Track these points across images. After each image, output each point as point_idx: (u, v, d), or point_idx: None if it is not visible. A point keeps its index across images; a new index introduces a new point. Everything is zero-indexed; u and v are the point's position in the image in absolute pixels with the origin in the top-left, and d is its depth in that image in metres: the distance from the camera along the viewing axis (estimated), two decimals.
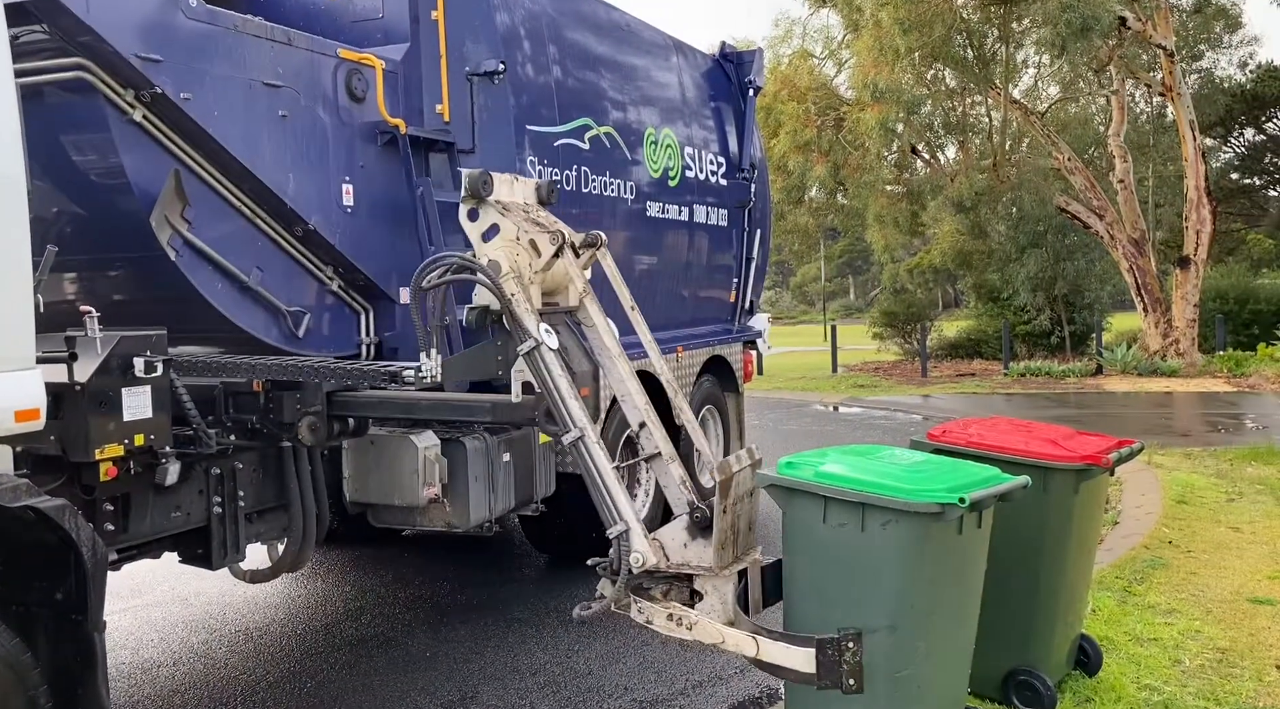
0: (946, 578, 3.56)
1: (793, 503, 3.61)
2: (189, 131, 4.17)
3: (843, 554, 3.48)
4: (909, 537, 3.40)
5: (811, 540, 3.58)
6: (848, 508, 3.46)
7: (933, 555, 3.46)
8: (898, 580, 3.44)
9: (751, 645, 3.62)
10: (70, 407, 3.44)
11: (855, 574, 3.47)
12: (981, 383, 19.92)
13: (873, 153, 22.00)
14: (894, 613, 3.43)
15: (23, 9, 3.54)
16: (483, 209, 4.29)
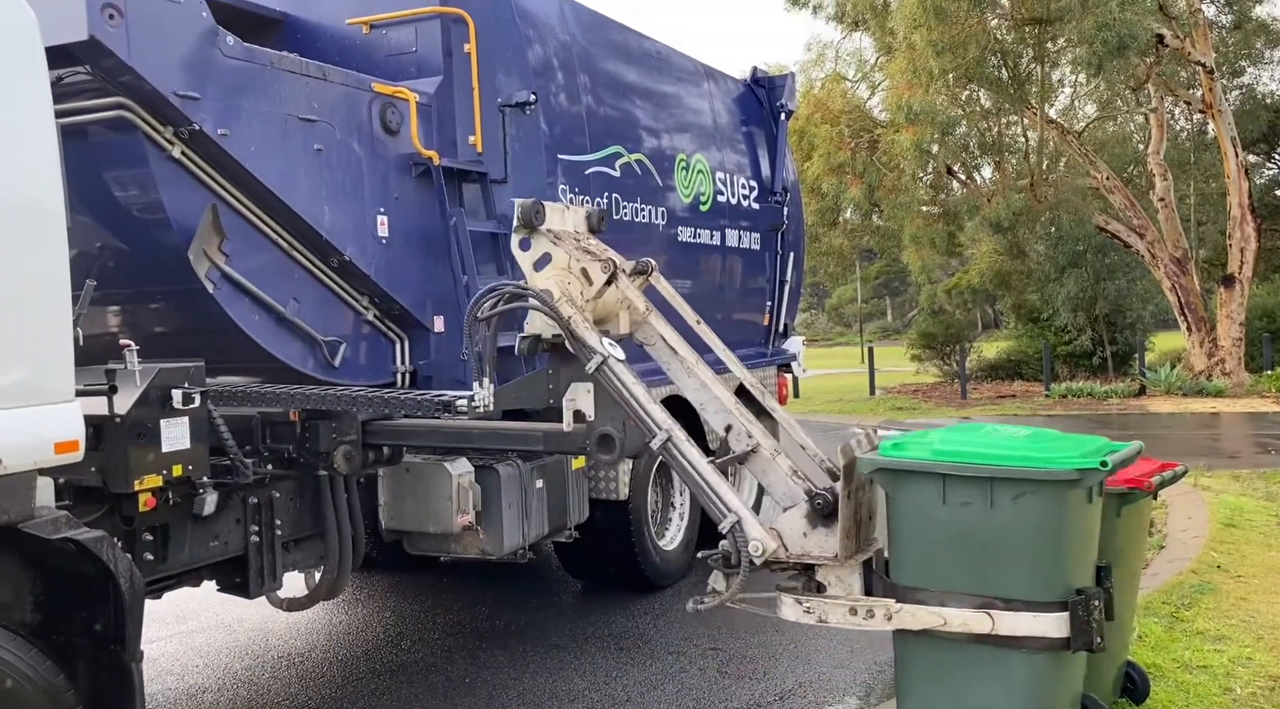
0: (1085, 551, 3.50)
1: (904, 486, 3.52)
2: (226, 167, 4.25)
3: (967, 535, 3.40)
4: (1044, 509, 3.31)
5: (928, 524, 3.48)
6: (972, 484, 3.37)
7: (1070, 528, 3.39)
8: (1031, 558, 3.37)
9: (985, 621, 3.42)
10: (110, 438, 3.50)
11: (983, 555, 3.40)
12: (1022, 404, 19.65)
13: (908, 174, 21.90)
14: (1029, 591, 3.37)
15: (66, 51, 3.64)
16: (535, 238, 4.32)
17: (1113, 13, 16.82)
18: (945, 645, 3.55)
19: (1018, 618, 3.41)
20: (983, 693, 3.52)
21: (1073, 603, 3.38)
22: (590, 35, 6.39)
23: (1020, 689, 3.49)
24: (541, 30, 5.87)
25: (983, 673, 3.51)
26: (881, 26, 21.15)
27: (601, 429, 4.23)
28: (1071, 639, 3.38)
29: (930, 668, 3.63)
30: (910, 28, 18.27)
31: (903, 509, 3.58)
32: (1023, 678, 3.47)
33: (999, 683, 3.50)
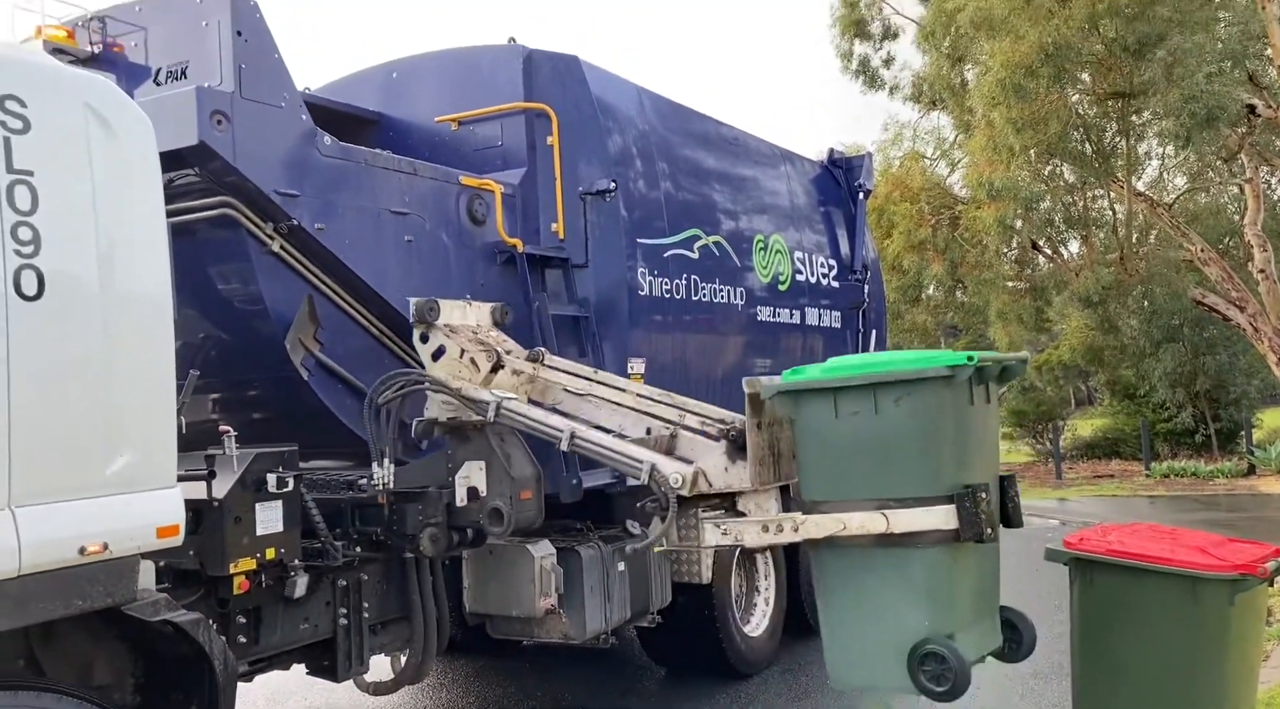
0: (971, 449, 3.73)
1: (802, 406, 3.78)
2: (322, 259, 4.44)
3: (860, 442, 3.67)
4: (922, 407, 3.57)
5: (825, 439, 3.74)
6: (858, 393, 3.64)
7: (948, 423, 3.63)
8: (916, 456, 3.61)
9: (880, 521, 3.63)
10: (207, 522, 3.61)
11: (875, 460, 3.65)
12: (1121, 485, 18.87)
13: (991, 250, 21.62)
14: (918, 488, 3.59)
15: (178, 155, 3.89)
16: (431, 332, 4.62)
17: (1199, 84, 16.56)
18: (852, 553, 3.74)
19: (910, 514, 3.60)
20: (888, 593, 3.70)
21: (958, 496, 3.56)
22: (668, 123, 6.55)
23: (919, 584, 3.66)
24: (620, 121, 6.04)
25: (885, 574, 3.69)
26: (959, 105, 21.17)
27: (492, 504, 4.52)
28: (960, 530, 3.54)
29: (841, 576, 3.82)
30: (989, 106, 18.25)
31: (803, 428, 3.82)
32: (920, 573, 3.65)
33: (900, 581, 3.68)
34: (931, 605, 3.66)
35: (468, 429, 4.57)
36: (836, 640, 3.88)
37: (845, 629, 3.84)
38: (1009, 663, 4.18)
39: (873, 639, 3.74)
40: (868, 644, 3.76)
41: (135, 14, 4.44)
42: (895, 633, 3.64)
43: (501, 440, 4.62)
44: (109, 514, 2.95)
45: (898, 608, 3.68)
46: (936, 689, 3.57)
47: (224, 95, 4.03)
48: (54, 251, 2.91)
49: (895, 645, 3.63)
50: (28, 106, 2.92)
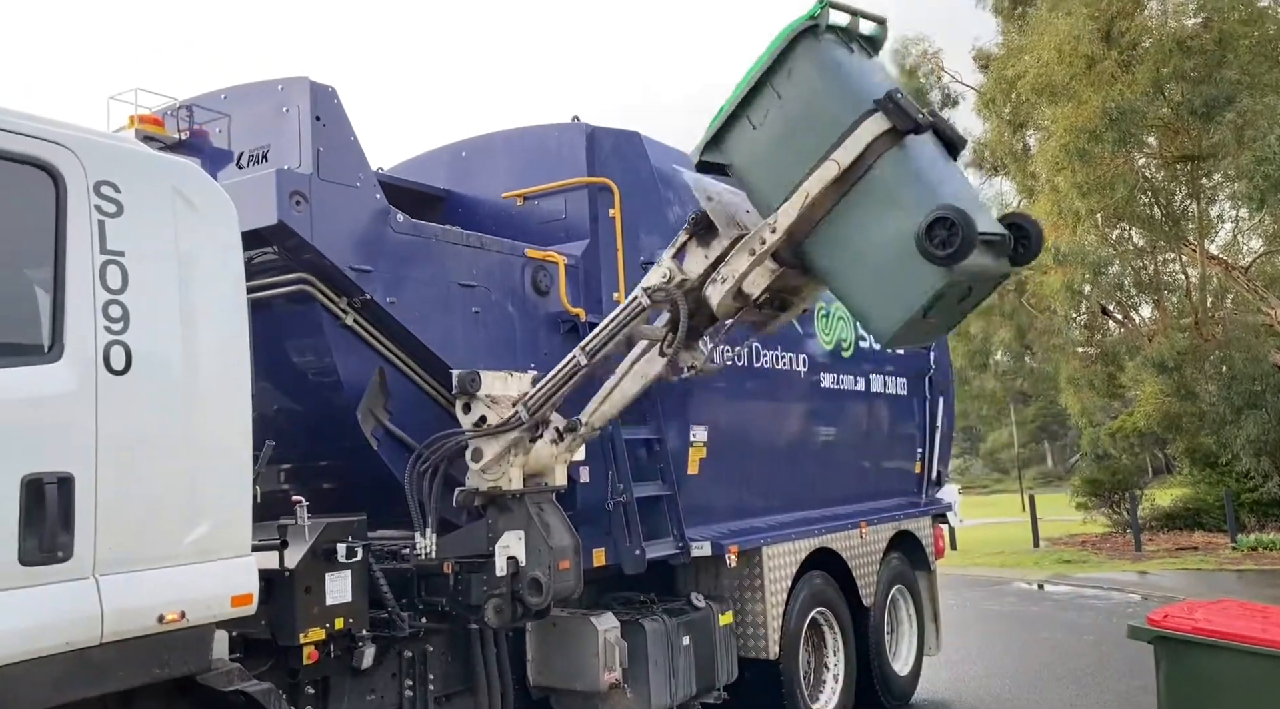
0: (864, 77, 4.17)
1: (729, 146, 4.32)
2: (393, 331, 4.56)
3: (785, 131, 4.10)
4: (809, 66, 4.06)
5: (759, 152, 4.22)
6: (758, 98, 4.16)
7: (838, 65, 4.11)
8: (828, 102, 4.03)
9: (831, 167, 3.97)
10: (280, 592, 3.67)
11: (800, 132, 4.07)
12: (1205, 558, 18.09)
13: (1060, 315, 21.28)
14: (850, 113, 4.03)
15: (258, 234, 4.05)
16: (473, 404, 4.67)
17: (1271, 146, 16.28)
18: (832, 227, 4.13)
19: (848, 143, 3.97)
20: (877, 232, 3.98)
21: (878, 100, 3.96)
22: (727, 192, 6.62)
23: (893, 187, 4.00)
24: (680, 191, 6.13)
25: (865, 201, 4.02)
26: (1022, 170, 21.07)
27: (532, 574, 4.49)
28: (896, 124, 3.93)
29: (837, 253, 4.18)
30: (1053, 170, 18.14)
31: (740, 161, 4.26)
32: (888, 176, 3.98)
33: (880, 197, 3.99)
34: (913, 197, 3.89)
35: (507, 499, 4.60)
36: (864, 303, 4.14)
37: (864, 286, 4.09)
38: (1021, 265, 4.30)
39: (887, 268, 3.95)
40: (886, 277, 3.97)
41: (220, 102, 4.69)
42: (897, 244, 3.85)
43: (540, 510, 4.63)
44: (187, 583, 3.02)
45: (887, 226, 3.91)
46: (949, 250, 3.73)
47: (303, 177, 4.20)
48: (142, 328, 3.04)
49: (903, 253, 3.84)
50: (121, 191, 3.08)
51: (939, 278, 3.84)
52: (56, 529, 2.77)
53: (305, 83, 4.37)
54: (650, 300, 4.59)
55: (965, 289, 4.09)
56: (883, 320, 4.07)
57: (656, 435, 5.62)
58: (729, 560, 5.77)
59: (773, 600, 6.05)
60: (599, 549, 5.27)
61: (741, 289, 4.40)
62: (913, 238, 3.78)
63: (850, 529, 6.93)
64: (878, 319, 4.09)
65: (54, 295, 2.91)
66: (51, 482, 2.77)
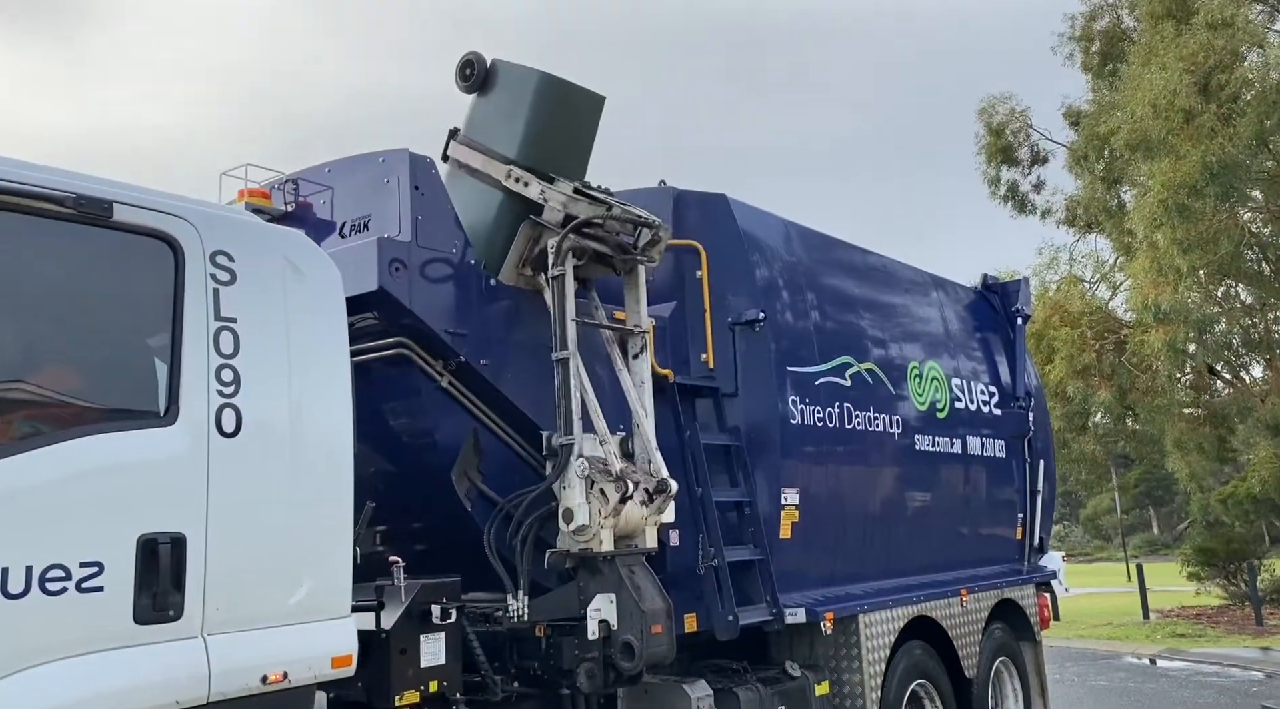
0: None
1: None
2: (486, 393, 4.62)
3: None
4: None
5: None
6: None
7: None
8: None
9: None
10: (375, 653, 3.69)
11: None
12: None
13: (1163, 375, 20.47)
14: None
15: (359, 299, 4.17)
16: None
17: None
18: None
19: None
20: None
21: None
22: (814, 254, 6.60)
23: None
24: (767, 253, 6.14)
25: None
26: (1118, 227, 20.54)
27: (624, 638, 4.41)
28: None
29: None
30: (1151, 227, 17.63)
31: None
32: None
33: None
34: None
35: (598, 561, 4.57)
36: None
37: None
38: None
39: None
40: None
41: (324, 175, 4.88)
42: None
43: (631, 572, 4.58)
44: (289, 644, 3.06)
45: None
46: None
47: (402, 245, 4.34)
48: (251, 392, 3.14)
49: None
50: (235, 260, 3.22)
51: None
52: (169, 588, 2.84)
53: (405, 154, 4.54)
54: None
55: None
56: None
57: (747, 498, 5.54)
58: (824, 627, 5.62)
59: (870, 670, 5.85)
60: (690, 614, 5.18)
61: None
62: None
63: (950, 596, 6.69)
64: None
65: (170, 361, 3.04)
66: (165, 542, 2.86)
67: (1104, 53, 20.95)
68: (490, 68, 5.07)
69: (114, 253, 3.03)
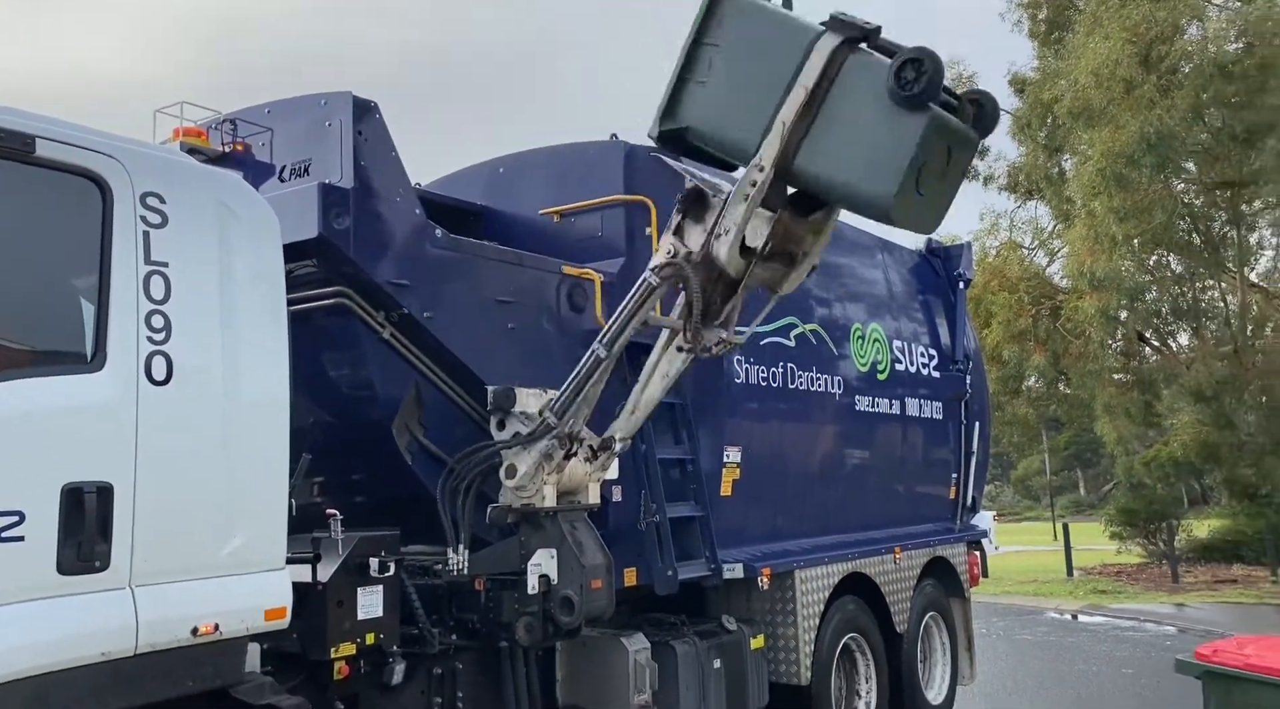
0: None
1: (682, 110, 4.40)
2: (429, 346, 4.55)
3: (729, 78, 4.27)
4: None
5: (710, 105, 4.40)
6: (700, 55, 4.35)
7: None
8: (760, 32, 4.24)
9: (800, 93, 4.09)
10: (312, 605, 3.65)
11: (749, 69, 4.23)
12: (1246, 591, 17.69)
13: (1095, 341, 21.00)
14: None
15: (298, 247, 4.06)
16: (508, 420, 4.63)
17: None
18: (814, 142, 4.25)
19: (808, 66, 4.19)
20: (856, 115, 4.15)
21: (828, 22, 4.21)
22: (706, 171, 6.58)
23: (867, 79, 4.13)
24: None
25: (845, 114, 4.17)
26: (1058, 195, 20.90)
27: (564, 592, 4.43)
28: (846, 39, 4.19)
29: (821, 153, 4.28)
30: (1089, 195, 17.97)
31: (698, 125, 4.33)
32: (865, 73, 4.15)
33: (858, 92, 4.14)
34: (879, 73, 3.96)
35: (540, 516, 4.58)
36: (857, 177, 4.14)
37: (854, 163, 4.13)
38: (981, 134, 4.39)
39: (866, 137, 4.07)
40: (867, 143, 4.06)
41: (263, 116, 4.72)
42: (871, 109, 3.98)
43: (573, 528, 4.61)
44: (221, 595, 3.01)
45: (860, 104, 4.03)
46: (918, 89, 3.86)
47: (344, 191, 4.22)
48: (183, 339, 3.05)
49: (881, 118, 3.98)
50: (167, 202, 3.10)
51: (918, 124, 3.94)
52: (95, 538, 2.77)
53: (348, 97, 4.40)
54: (659, 279, 4.55)
55: (946, 154, 4.21)
56: (878, 189, 4.12)
57: (690, 456, 5.57)
58: (761, 583, 5.71)
59: (805, 624, 5.97)
60: (630, 569, 5.22)
61: (745, 242, 4.43)
62: (886, 95, 3.93)
63: (884, 554, 6.84)
64: (873, 192, 4.15)
65: (98, 306, 2.93)
66: (91, 491, 2.77)
67: (1051, 20, 21.11)
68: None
69: (38, 191, 2.90)
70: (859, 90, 4.11)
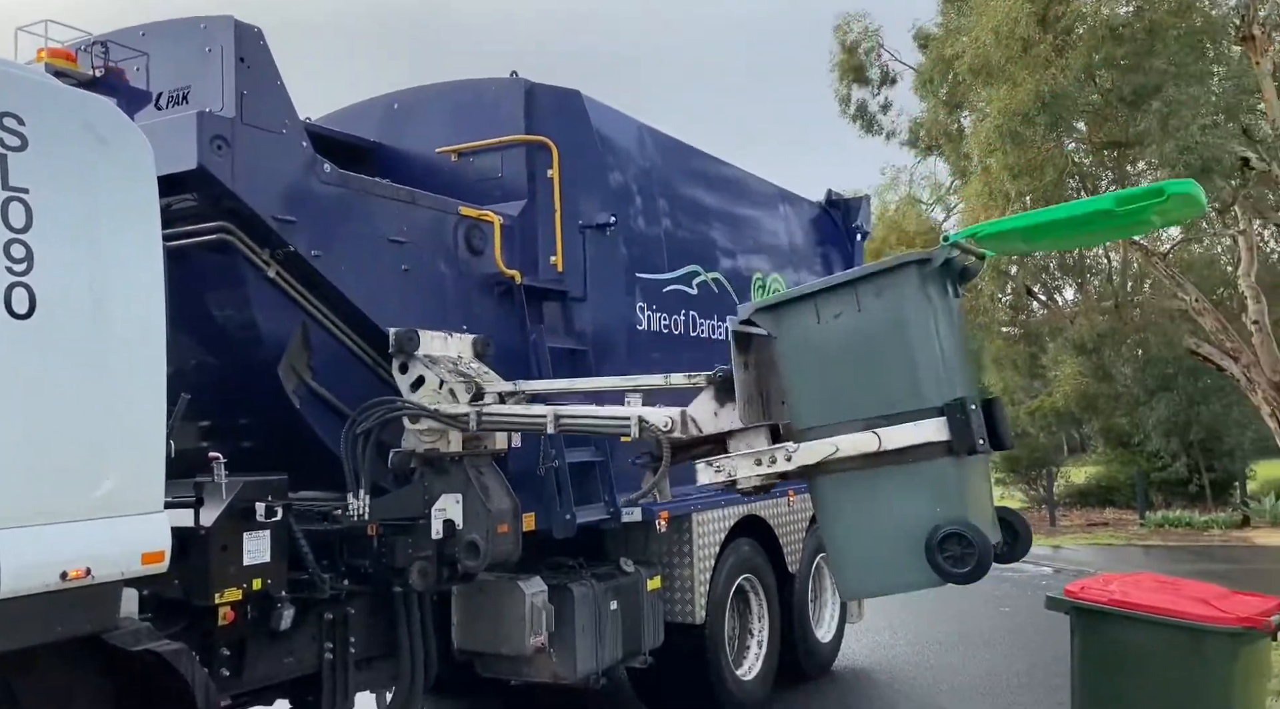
0: (956, 355, 3.74)
1: (784, 319, 3.78)
2: (317, 286, 4.40)
3: (844, 351, 3.68)
4: (904, 295, 3.60)
5: (809, 351, 3.74)
6: (840, 293, 3.68)
7: (931, 316, 3.63)
8: (903, 360, 3.61)
9: (872, 440, 3.60)
10: (194, 551, 3.54)
11: (862, 373, 3.66)
12: (1116, 533, 18.77)
13: (986, 295, 21.70)
14: (906, 401, 3.57)
15: (177, 179, 3.86)
16: (411, 362, 4.58)
17: (1194, 136, 16.73)
18: (850, 477, 3.70)
19: (900, 430, 3.57)
20: (893, 501, 3.65)
21: (948, 407, 3.53)
22: (669, 160, 6.56)
23: (923, 486, 3.61)
24: (621, 156, 6.05)
25: (886, 486, 3.65)
26: (956, 151, 21.35)
27: (469, 537, 4.42)
28: (953, 442, 3.51)
29: (841, 500, 3.76)
30: (985, 152, 18.39)
31: (787, 343, 3.80)
32: (922, 478, 3.60)
33: (905, 487, 3.63)
34: (939, 500, 3.60)
35: (445, 461, 4.52)
36: (845, 555, 3.83)
37: (853, 542, 3.79)
38: (1005, 562, 4.09)
39: (885, 543, 3.68)
40: (880, 549, 3.70)
41: (139, 39, 4.45)
42: (907, 530, 3.56)
43: (479, 473, 4.58)
44: (93, 539, 2.88)
45: (905, 510, 3.63)
46: (960, 571, 3.49)
47: (225, 120, 4.02)
48: (47, 270, 2.87)
49: (909, 541, 3.56)
50: (26, 124, 2.90)
51: (930, 581, 3.64)
52: None
53: (230, 21, 4.18)
54: (639, 433, 4.19)
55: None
56: (855, 584, 3.98)
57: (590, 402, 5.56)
58: (659, 526, 5.77)
59: (701, 566, 6.07)
60: (529, 513, 5.19)
61: (736, 483, 4.07)
62: (923, 539, 3.54)
63: (779, 497, 6.98)
64: (851, 580, 3.94)
65: None
66: None
67: None
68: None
69: None
70: (920, 492, 3.64)
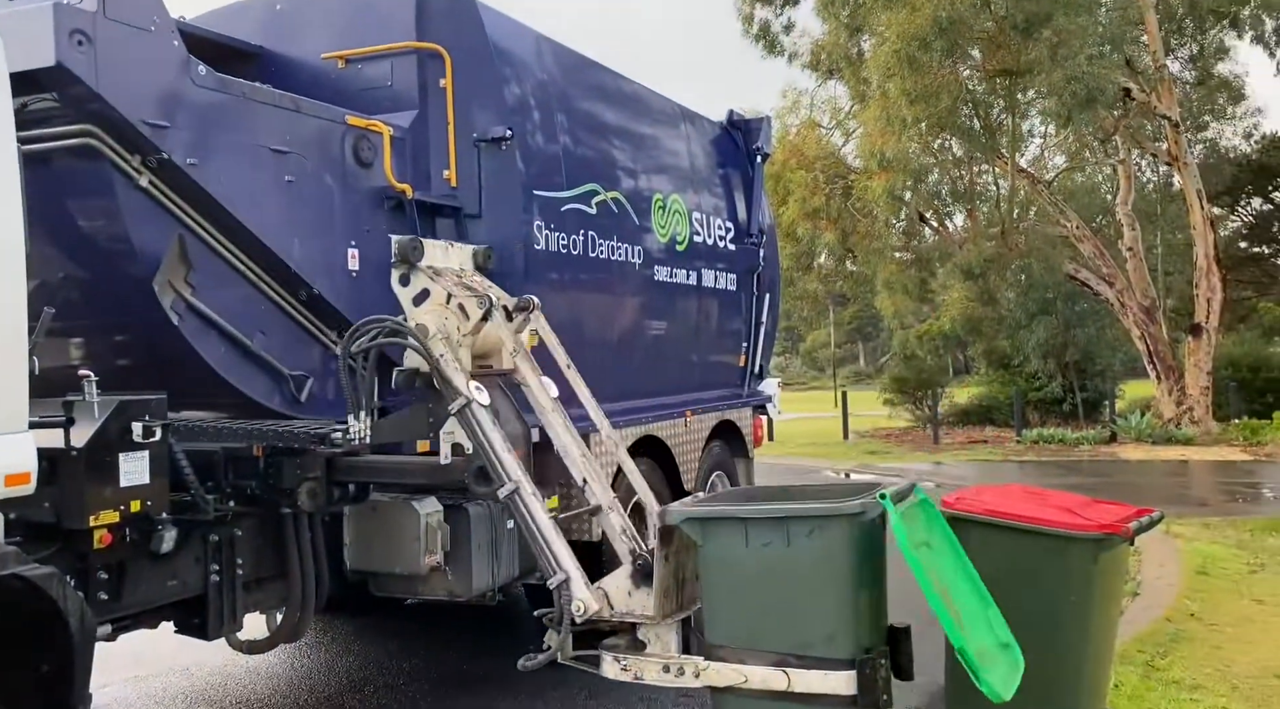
0: (875, 601, 3.66)
1: (711, 534, 3.70)
2: (195, 197, 4.18)
3: (768, 578, 3.58)
4: (834, 542, 3.51)
5: (733, 571, 3.66)
6: (771, 525, 3.58)
7: (858, 564, 3.56)
8: (825, 603, 3.53)
9: (781, 679, 3.55)
10: (66, 472, 3.38)
11: (782, 604, 3.57)
12: (994, 450, 19.72)
13: (881, 220, 22.15)
14: (822, 646, 3.50)
15: (33, 77, 3.58)
16: (414, 274, 4.41)
17: (1081, 66, 17.20)
18: (752, 703, 3.62)
19: (811, 676, 3.51)
20: None
21: (860, 661, 3.49)
22: (568, 74, 6.39)
23: None
24: (518, 68, 5.87)
25: None
26: (855, 75, 21.49)
27: (479, 462, 4.27)
28: (859, 697, 3.46)
29: None
30: (884, 76, 18.57)
31: (710, 557, 3.72)
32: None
33: None
34: None
35: None
36: None
37: None
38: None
39: None
40: None
41: None
42: None
43: None
44: None
45: None
46: None
47: (85, 14, 3.71)
48: None
49: None
50: None
51: None
52: None
53: None
54: (553, 586, 4.18)
55: None
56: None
57: None
58: None
59: None
60: None
61: (640, 680, 4.04)
62: None
63: (676, 418, 7.07)
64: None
65: None
66: None
67: None
68: None
69: None
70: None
